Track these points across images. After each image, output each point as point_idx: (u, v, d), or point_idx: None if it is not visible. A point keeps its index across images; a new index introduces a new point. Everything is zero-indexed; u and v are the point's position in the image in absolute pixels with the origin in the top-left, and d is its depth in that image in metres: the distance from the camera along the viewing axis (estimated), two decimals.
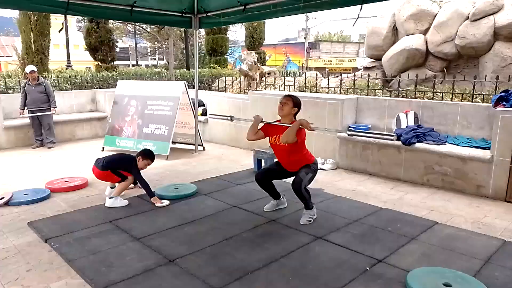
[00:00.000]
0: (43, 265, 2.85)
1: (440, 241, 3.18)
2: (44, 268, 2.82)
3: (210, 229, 3.44)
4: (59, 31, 6.59)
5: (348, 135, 4.08)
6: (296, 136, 3.38)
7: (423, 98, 5.50)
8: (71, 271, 2.77)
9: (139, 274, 2.69)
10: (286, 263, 2.84)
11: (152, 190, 4.15)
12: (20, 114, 6.87)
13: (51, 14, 10.53)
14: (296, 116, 3.62)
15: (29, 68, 6.92)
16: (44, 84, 6.93)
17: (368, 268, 2.76)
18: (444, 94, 5.52)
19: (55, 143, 7.13)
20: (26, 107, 6.87)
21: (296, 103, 3.59)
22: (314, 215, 3.64)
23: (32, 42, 10.30)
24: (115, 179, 4.18)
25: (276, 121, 3.68)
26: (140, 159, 4.21)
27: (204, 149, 6.78)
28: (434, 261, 2.86)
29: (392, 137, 3.31)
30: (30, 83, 6.82)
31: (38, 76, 6.93)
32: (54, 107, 7.00)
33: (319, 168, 5.41)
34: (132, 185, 4.33)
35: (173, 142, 6.60)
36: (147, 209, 3.93)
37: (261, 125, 3.76)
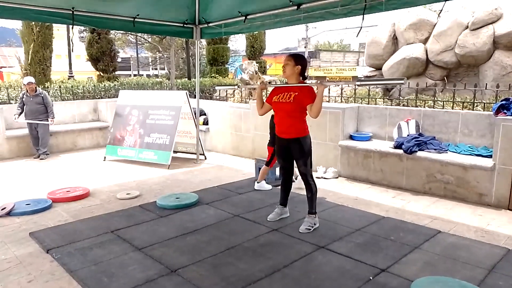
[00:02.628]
0: (45, 276, 2.84)
1: (443, 250, 3.16)
2: (45, 279, 2.81)
3: (212, 238, 3.43)
4: (72, 50, 6.67)
5: (357, 85, 4.04)
6: (309, 98, 3.37)
7: (424, 107, 5.52)
8: (72, 281, 2.76)
9: (141, 285, 2.67)
10: (289, 273, 2.82)
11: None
12: (15, 119, 6.81)
13: (53, 25, 10.64)
14: (306, 74, 3.55)
15: (27, 79, 6.95)
16: (42, 95, 6.91)
17: (371, 278, 2.74)
18: (445, 103, 5.54)
19: (48, 154, 7.08)
20: (21, 114, 6.84)
21: (298, 60, 3.45)
22: (315, 224, 3.61)
23: (35, 53, 10.38)
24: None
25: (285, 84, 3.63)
26: None
27: (205, 158, 6.78)
28: (437, 270, 2.84)
29: (402, 81, 3.14)
30: (28, 94, 6.84)
31: (36, 87, 6.94)
32: (52, 118, 6.96)
33: (321, 176, 5.46)
34: None
35: (175, 152, 6.61)
36: (149, 218, 3.92)
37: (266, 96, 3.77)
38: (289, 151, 3.60)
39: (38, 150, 7.02)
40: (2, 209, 4.10)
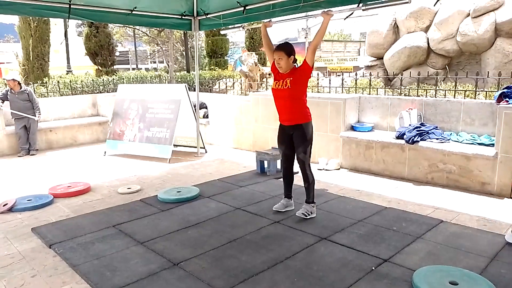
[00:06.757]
0: (48, 271, 2.85)
1: (445, 240, 3.15)
2: (49, 273, 2.81)
3: (214, 232, 3.43)
4: (61, 43, 6.55)
5: (363, 9, 3.89)
6: (303, 75, 3.44)
7: (426, 96, 5.48)
8: (75, 276, 2.77)
9: (143, 278, 2.68)
10: (291, 265, 2.82)
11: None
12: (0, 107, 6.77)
13: (50, 20, 10.55)
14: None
15: (11, 75, 6.90)
16: (27, 92, 6.86)
17: (373, 268, 2.74)
18: (446, 92, 5.49)
19: (37, 149, 7.07)
20: (3, 102, 6.81)
21: (289, 51, 3.45)
22: (311, 212, 3.64)
23: (32, 48, 10.32)
24: None
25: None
26: None
27: (206, 152, 6.77)
28: (440, 260, 2.83)
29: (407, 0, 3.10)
30: (13, 91, 6.76)
31: (20, 84, 6.86)
32: (39, 114, 6.93)
33: (323, 168, 5.44)
34: None
35: (175, 145, 6.59)
36: (150, 212, 3.92)
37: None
38: (292, 138, 3.62)
39: (26, 148, 6.93)
40: (4, 205, 4.11)
